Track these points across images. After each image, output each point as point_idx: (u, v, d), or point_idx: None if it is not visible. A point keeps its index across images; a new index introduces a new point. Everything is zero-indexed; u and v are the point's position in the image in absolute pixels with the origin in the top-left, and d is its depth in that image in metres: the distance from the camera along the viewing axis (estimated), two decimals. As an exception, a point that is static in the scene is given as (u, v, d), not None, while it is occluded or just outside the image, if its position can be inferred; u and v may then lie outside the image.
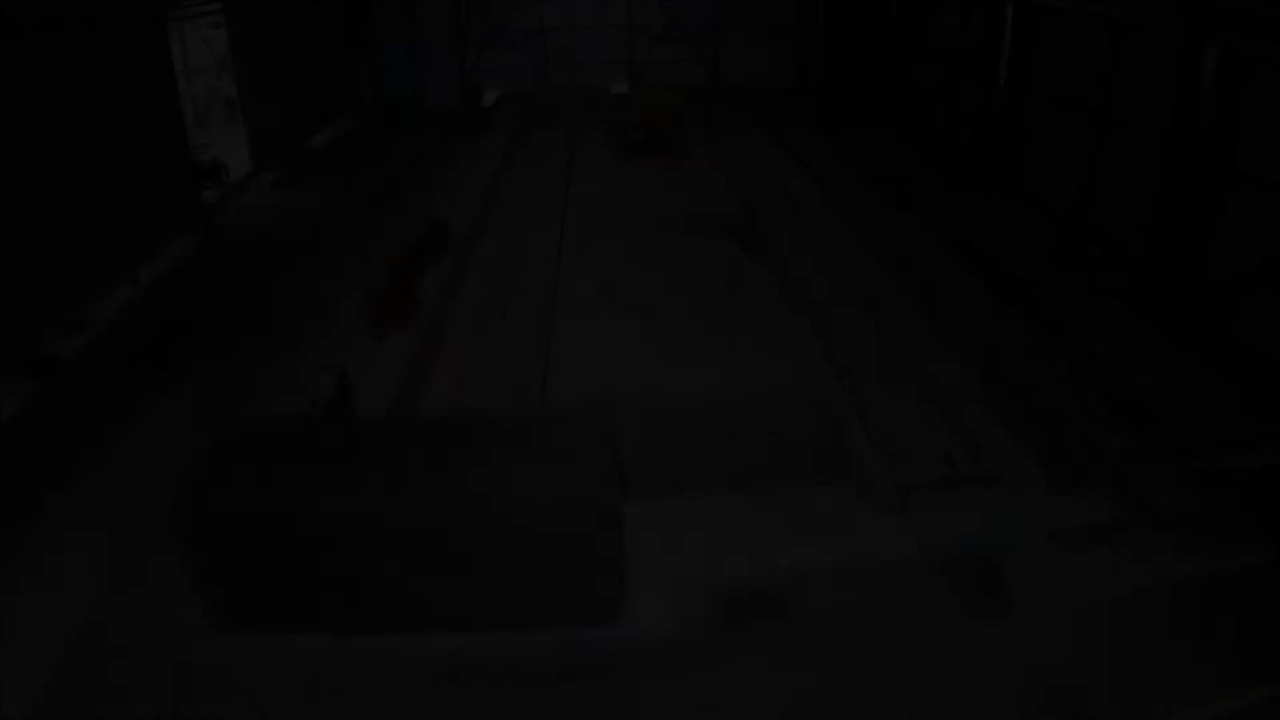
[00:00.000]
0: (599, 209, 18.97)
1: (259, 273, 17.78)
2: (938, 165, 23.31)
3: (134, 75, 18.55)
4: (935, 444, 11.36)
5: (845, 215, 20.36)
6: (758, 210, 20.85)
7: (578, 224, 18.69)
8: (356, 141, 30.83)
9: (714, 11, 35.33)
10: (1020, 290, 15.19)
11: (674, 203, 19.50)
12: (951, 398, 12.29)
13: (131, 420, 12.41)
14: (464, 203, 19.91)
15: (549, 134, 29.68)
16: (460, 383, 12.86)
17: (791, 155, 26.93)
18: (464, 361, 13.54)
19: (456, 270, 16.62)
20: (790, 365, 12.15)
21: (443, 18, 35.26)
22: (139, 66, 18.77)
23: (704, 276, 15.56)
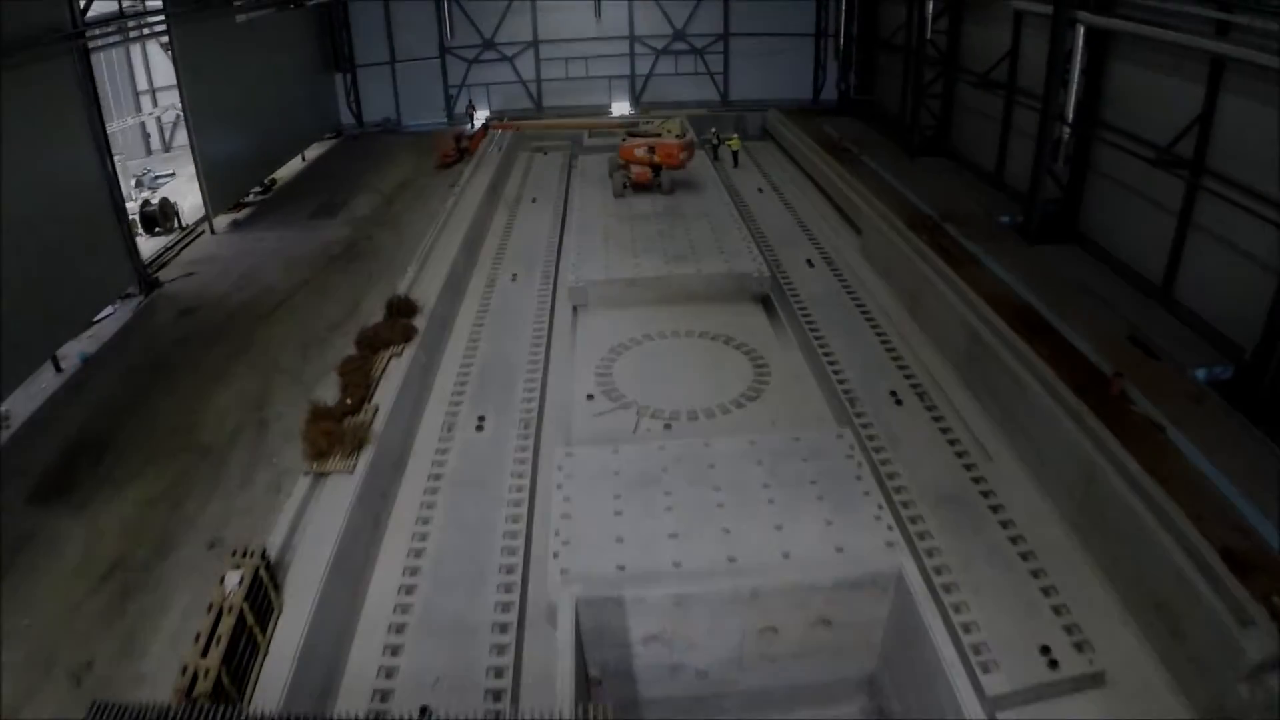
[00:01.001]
0: (594, 271, 16.22)
1: (196, 360, 15.08)
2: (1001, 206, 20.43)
3: (50, 113, 15.88)
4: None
5: (886, 272, 17.62)
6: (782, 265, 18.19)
7: (570, 294, 15.96)
8: (328, 171, 28.18)
9: (722, 21, 32.56)
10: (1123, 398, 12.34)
11: (682, 259, 16.76)
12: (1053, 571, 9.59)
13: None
14: (438, 263, 17.16)
15: (539, 168, 27.04)
16: (414, 561, 10.19)
17: (815, 188, 24.24)
18: (422, 517, 10.87)
19: (422, 373, 13.78)
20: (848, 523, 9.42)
21: (427, 32, 32.61)
22: (55, 104, 16.09)
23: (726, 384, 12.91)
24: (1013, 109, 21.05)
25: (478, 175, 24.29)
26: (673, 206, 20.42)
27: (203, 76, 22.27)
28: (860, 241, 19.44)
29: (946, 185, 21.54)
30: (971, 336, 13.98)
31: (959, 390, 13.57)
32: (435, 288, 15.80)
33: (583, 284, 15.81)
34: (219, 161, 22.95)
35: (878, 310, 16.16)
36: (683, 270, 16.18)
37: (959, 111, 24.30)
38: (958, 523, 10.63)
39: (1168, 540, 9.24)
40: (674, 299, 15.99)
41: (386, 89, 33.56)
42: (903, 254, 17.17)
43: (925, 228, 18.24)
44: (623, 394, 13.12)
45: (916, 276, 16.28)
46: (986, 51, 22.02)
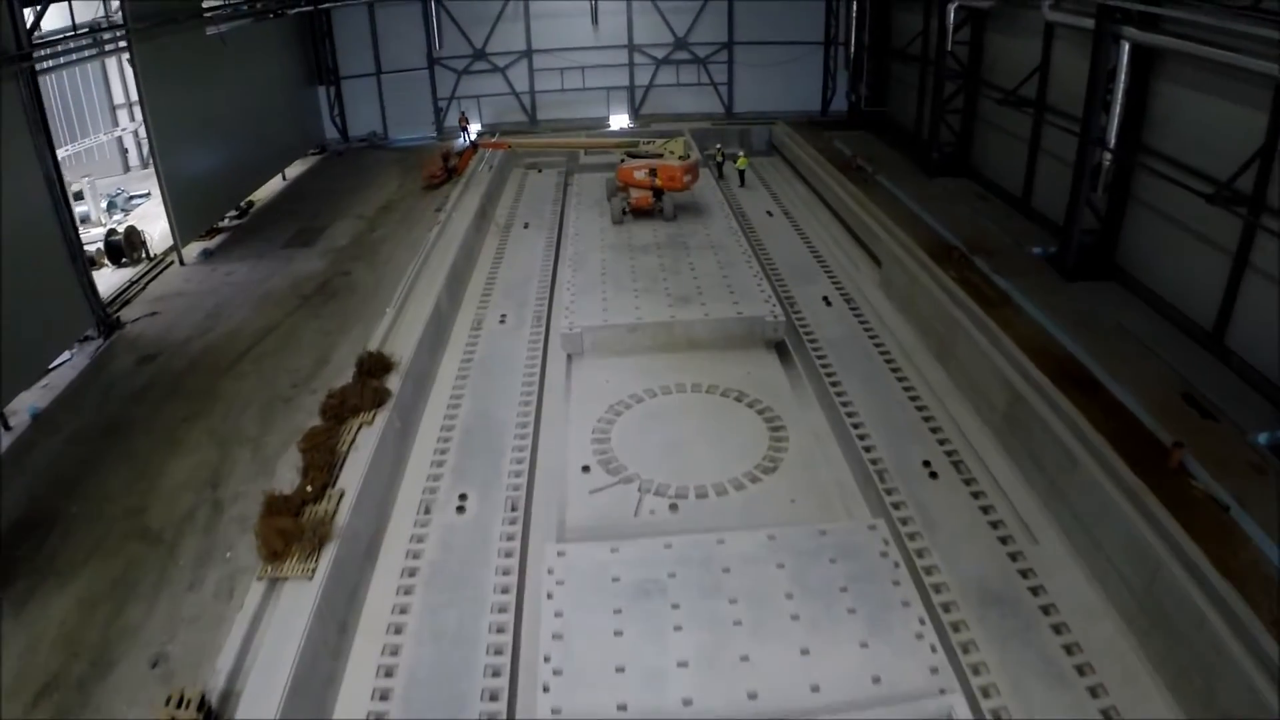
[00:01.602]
0: (590, 316, 14.98)
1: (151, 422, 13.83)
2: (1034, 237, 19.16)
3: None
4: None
5: (911, 310, 16.36)
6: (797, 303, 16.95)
7: (564, 342, 14.70)
8: (309, 191, 26.95)
9: (726, 29, 31.30)
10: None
11: (687, 301, 15.51)
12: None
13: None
14: (418, 304, 15.89)
15: (533, 188, 25.80)
16: (385, 681, 8.93)
17: (828, 211, 22.99)
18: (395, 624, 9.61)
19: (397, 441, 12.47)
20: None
21: (414, 42, 31.37)
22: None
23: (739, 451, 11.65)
24: (1042, 128, 19.79)
25: (466, 197, 23.05)
26: (676, 235, 19.18)
27: (169, 95, 21.02)
28: (880, 274, 18.20)
29: (970, 210, 20.30)
30: (1010, 394, 12.72)
31: (998, 457, 12.32)
32: (414, 336, 14.54)
33: (578, 331, 14.56)
34: (188, 187, 21.70)
35: (903, 358, 14.91)
36: (689, 315, 14.93)
37: (981, 129, 23.05)
38: (1005, 630, 9.39)
39: (1238, 650, 8.02)
40: (679, 346, 14.77)
41: (372, 102, 32.36)
42: (928, 291, 15.92)
43: (951, 260, 17.02)
44: (622, 465, 11.87)
45: (945, 319, 15.02)
46: (1012, 65, 20.76)
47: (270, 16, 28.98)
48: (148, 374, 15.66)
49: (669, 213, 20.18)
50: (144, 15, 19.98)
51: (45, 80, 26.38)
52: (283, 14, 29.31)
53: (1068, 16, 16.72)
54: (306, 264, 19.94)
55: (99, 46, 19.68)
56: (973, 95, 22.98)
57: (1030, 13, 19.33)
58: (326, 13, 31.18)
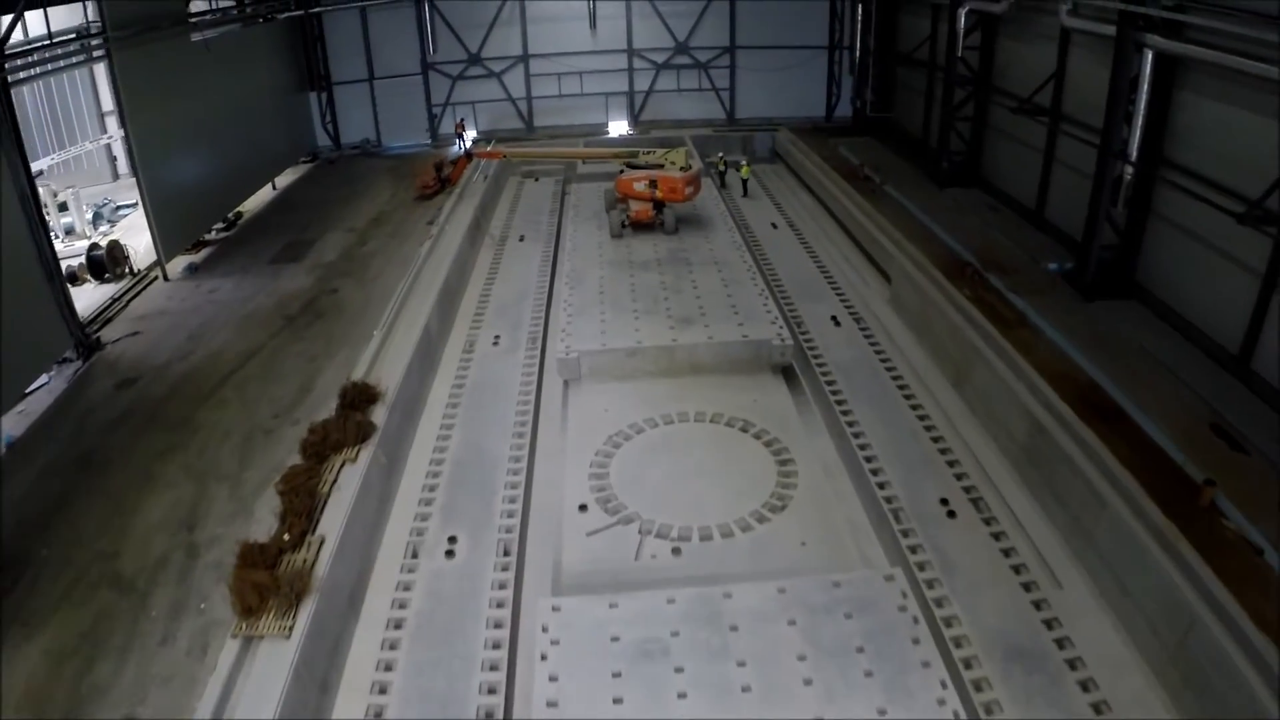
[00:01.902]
0: (588, 339, 14.41)
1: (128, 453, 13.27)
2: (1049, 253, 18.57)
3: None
4: None
5: (923, 331, 15.81)
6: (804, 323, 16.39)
7: (560, 367, 14.13)
8: (300, 201, 26.41)
9: (728, 33, 30.75)
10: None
11: (690, 322, 14.95)
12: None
13: None
14: (408, 326, 15.34)
15: (529, 198, 25.25)
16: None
17: (834, 222, 22.45)
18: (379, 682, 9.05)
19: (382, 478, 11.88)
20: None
21: (408, 47, 30.83)
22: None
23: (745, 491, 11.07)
24: (1056, 138, 19.25)
25: (459, 209, 22.50)
26: (678, 250, 18.62)
27: (152, 104, 20.47)
28: (890, 291, 17.64)
29: (981, 222, 19.76)
30: (1031, 424, 12.18)
31: (1018, 493, 11.76)
32: (402, 361, 13.97)
33: (575, 356, 13.99)
34: (172, 200, 21.17)
35: (916, 383, 14.35)
36: (691, 338, 14.36)
37: (992, 137, 22.53)
38: (1029, 687, 8.84)
39: (1278, 712, 7.48)
40: (681, 371, 14.21)
41: (365, 108, 31.84)
42: (941, 311, 15.37)
43: (964, 277, 16.48)
44: (621, 503, 11.31)
45: (960, 341, 14.47)
46: (1026, 72, 20.25)
47: (260, 21, 28.54)
48: (126, 400, 15.11)
49: (670, 226, 19.62)
50: (124, 23, 19.44)
51: (31, 87, 26.09)
52: (272, 19, 28.83)
53: (1086, 23, 16.17)
54: (293, 281, 19.39)
55: (81, 54, 19.06)
56: (983, 103, 22.46)
57: (1045, 18, 18.81)
58: (317, 17, 30.67)
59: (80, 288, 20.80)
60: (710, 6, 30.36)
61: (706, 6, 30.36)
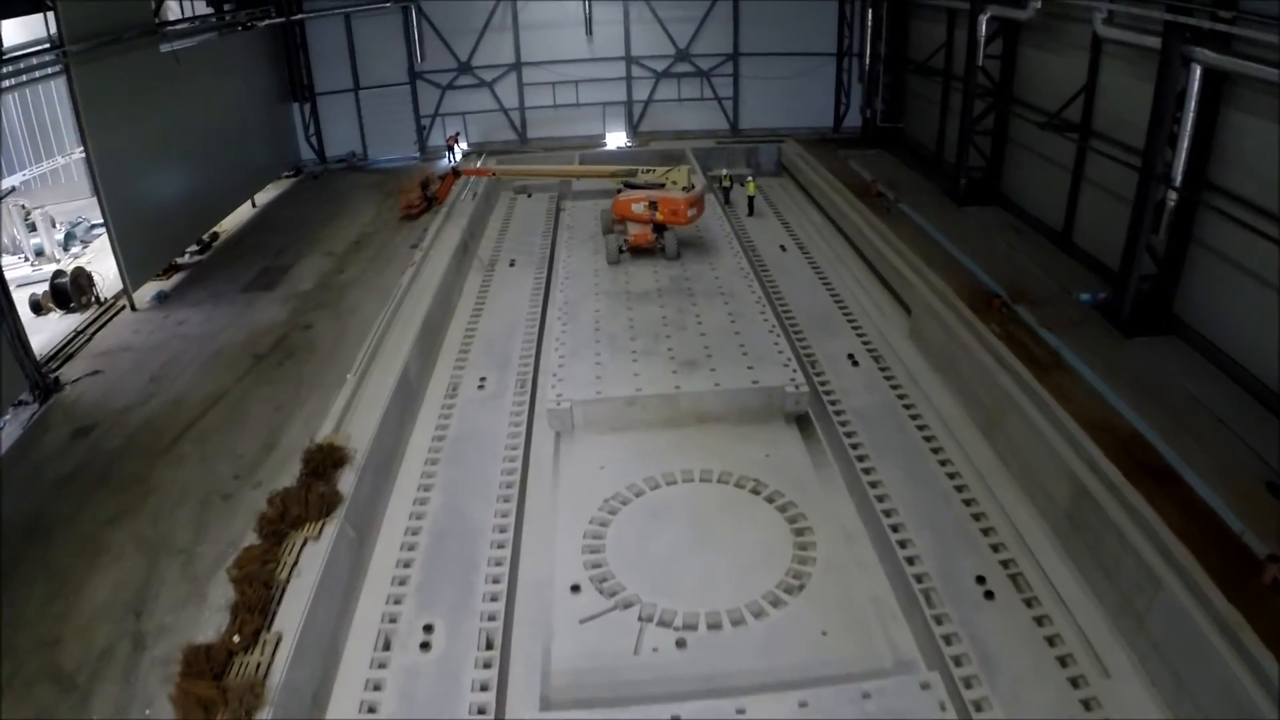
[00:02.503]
0: (581, 386, 13.30)
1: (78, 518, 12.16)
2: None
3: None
4: None
5: (949, 371, 14.71)
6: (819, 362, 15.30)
7: (551, 418, 13.03)
8: (279, 221, 25.33)
9: (732, 39, 29.67)
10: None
11: (695, 365, 13.85)
12: None
13: None
14: (384, 370, 14.25)
15: (521, 216, 24.17)
16: None
17: (845, 242, 21.37)
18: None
19: (350, 554, 10.74)
20: None
21: (395, 55, 29.77)
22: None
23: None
24: (1086, 156, 18.18)
25: (446, 230, 21.44)
26: (680, 279, 17.53)
27: (116, 120, 19.40)
28: (910, 324, 16.55)
29: (1005, 245, 18.71)
30: (1073, 486, 11.11)
31: (1061, 566, 10.71)
32: (376, 411, 12.90)
33: (567, 405, 12.87)
34: (140, 224, 20.09)
35: (944, 432, 13.27)
36: (696, 384, 13.25)
37: (1013, 153, 21.48)
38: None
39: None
40: (685, 421, 13.10)
41: (350, 120, 30.78)
42: (967, 348, 14.30)
43: (992, 310, 15.43)
44: (619, 582, 10.19)
45: (990, 385, 13.38)
46: (1051, 84, 19.23)
47: (239, 29, 27.50)
48: (80, 453, 14.01)
49: (672, 251, 18.53)
50: (84, 34, 18.36)
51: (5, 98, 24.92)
52: (252, 26, 27.78)
53: (1124, 33, 15.11)
54: (265, 312, 18.30)
55: (57, 64, 17.93)
56: (1004, 115, 21.39)
57: (1075, 27, 17.78)
58: (300, 24, 29.63)
59: (44, 318, 19.77)
60: (713, 11, 29.34)
61: (709, 11, 29.32)
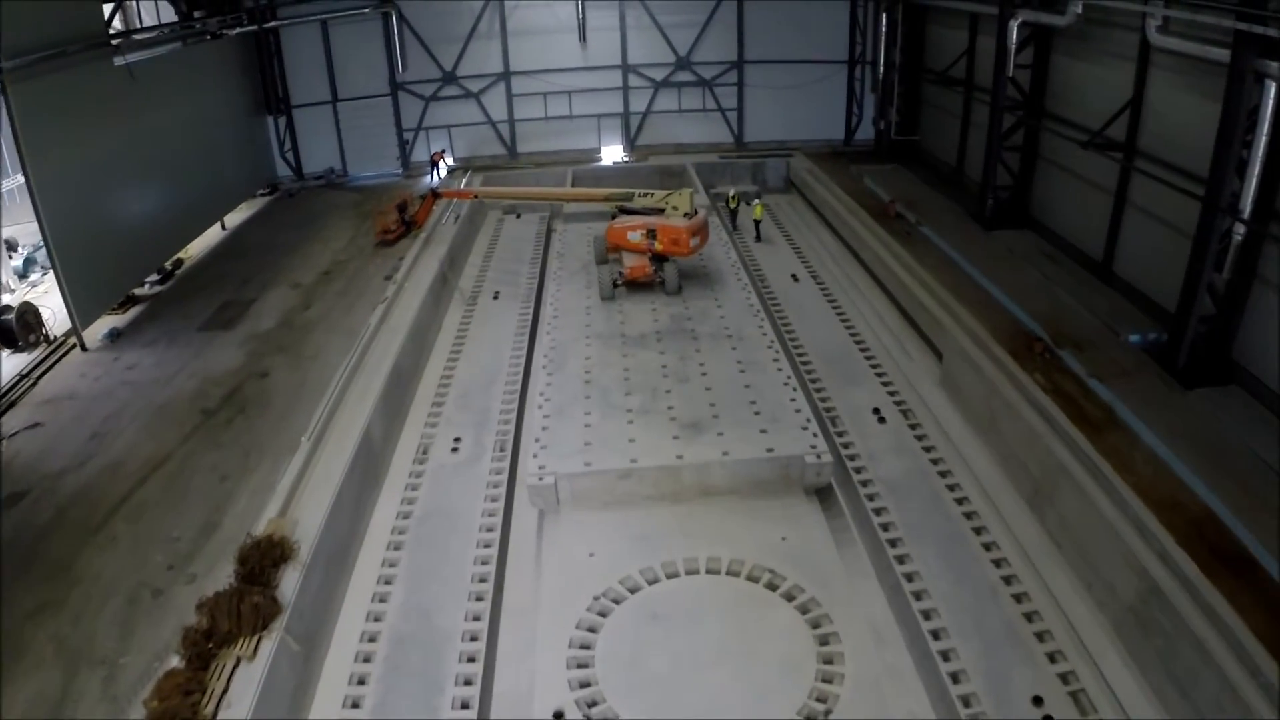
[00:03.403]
0: (567, 455, 11.77)
1: None
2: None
3: None
4: None
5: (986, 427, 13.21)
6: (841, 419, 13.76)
7: (532, 495, 11.51)
8: (248, 246, 23.87)
9: (736, 46, 28.20)
10: None
11: (699, 428, 12.33)
12: None
13: None
14: (343, 432, 12.74)
15: (508, 240, 22.69)
16: None
17: (861, 268, 19.90)
18: None
19: (292, 674, 9.19)
20: None
21: (375, 64, 28.32)
22: None
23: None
24: (1130, 178, 16.69)
25: (424, 259, 19.97)
26: (682, 318, 16.06)
27: (62, 143, 17.95)
28: (942, 370, 15.04)
29: (1040, 276, 17.20)
30: (1141, 582, 9.70)
31: (1129, 681, 9.27)
32: (331, 486, 11.39)
33: (551, 479, 11.35)
34: (91, 255, 18.63)
35: (985, 505, 11.80)
36: (701, 453, 11.71)
37: (1045, 172, 19.99)
38: None
39: None
40: (688, 495, 11.58)
41: (329, 134, 29.29)
42: (1009, 403, 12.82)
43: (1033, 356, 13.92)
44: (611, 707, 8.66)
45: (1037, 449, 11.91)
46: (1089, 97, 17.82)
47: (208, 38, 26.08)
48: (9, 525, 12.53)
49: (672, 285, 17.04)
50: (25, 48, 16.88)
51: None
52: (221, 35, 26.34)
53: (1184, 43, 13.60)
54: (221, 356, 16.81)
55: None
56: (1034, 131, 19.89)
57: (1119, 34, 16.35)
58: (274, 32, 28.19)
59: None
60: (715, 16, 27.88)
61: (711, 16, 27.87)
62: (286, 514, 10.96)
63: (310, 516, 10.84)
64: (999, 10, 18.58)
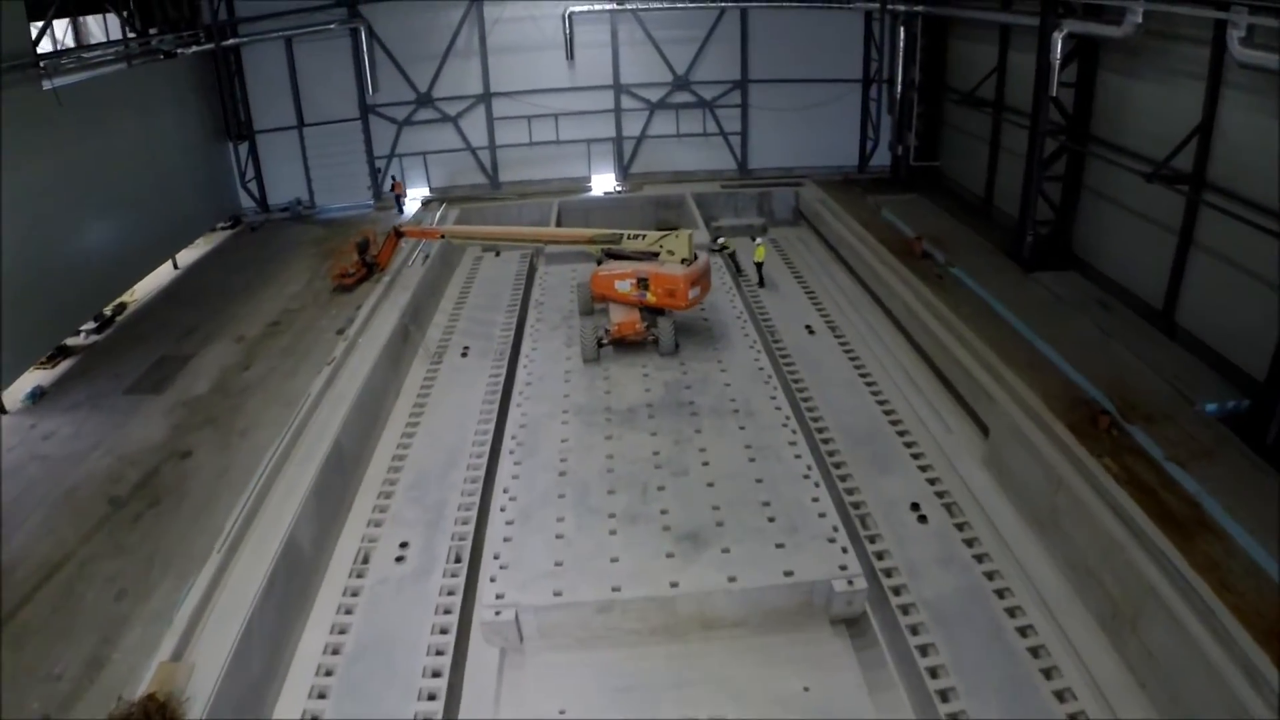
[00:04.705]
0: (532, 583, 9.58)
1: None
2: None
3: None
4: None
5: (1045, 523, 11.08)
6: (871, 516, 11.57)
7: (487, 632, 9.35)
8: (196, 290, 21.81)
9: (739, 64, 26.24)
10: None
11: (700, 540, 10.20)
12: None
13: None
14: (263, 537, 10.62)
15: (484, 283, 20.65)
16: None
17: (884, 314, 17.82)
18: None
19: None
20: None
21: (343, 85, 26.38)
22: None
23: None
24: (1198, 213, 14.64)
25: (384, 308, 17.92)
26: (679, 385, 13.99)
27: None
28: (988, 448, 12.89)
29: (1096, 329, 15.04)
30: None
31: None
32: (239, 618, 9.19)
33: (511, 613, 9.17)
34: (16, 303, 16.46)
35: (1053, 635, 9.76)
36: (703, 578, 9.55)
37: (1092, 205, 17.96)
38: None
39: None
40: (686, 630, 9.45)
41: (295, 161, 27.27)
42: (1076, 496, 10.75)
43: (1099, 432, 11.83)
44: None
45: (1113, 562, 9.80)
46: (1145, 120, 15.83)
47: (161, 58, 24.14)
48: None
49: (667, 344, 14.94)
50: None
51: None
52: (176, 54, 24.40)
53: (1274, 57, 11.54)
54: (144, 427, 14.69)
55: None
56: (1079, 158, 17.86)
57: (1184, 48, 14.42)
58: (234, 51, 26.25)
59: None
60: (717, 31, 25.92)
61: (712, 30, 25.92)
62: (183, 656, 8.82)
63: (211, 659, 8.72)
64: (1040, 21, 16.60)
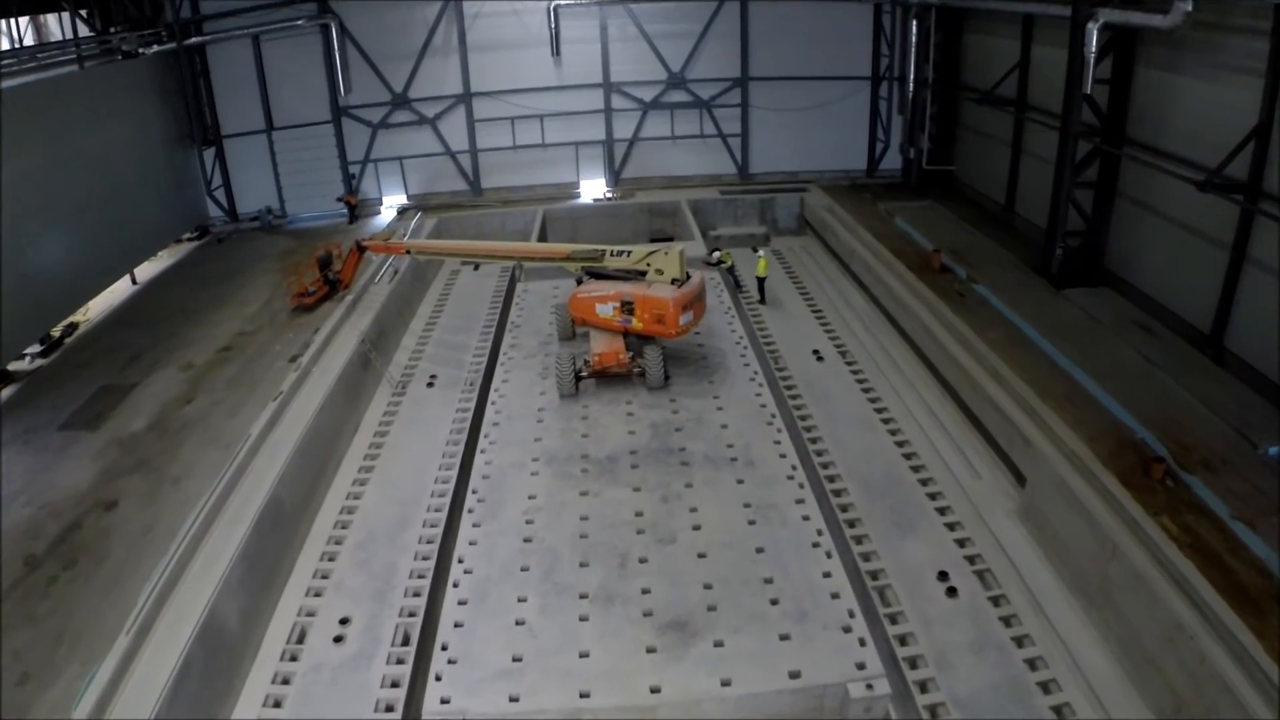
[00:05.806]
0: (483, 687, 8.05)
1: None
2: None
3: None
4: None
5: (1095, 596, 9.57)
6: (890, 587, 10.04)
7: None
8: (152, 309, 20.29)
9: (739, 61, 24.74)
10: None
11: (690, 630, 8.74)
12: None
13: None
14: (181, 615, 9.11)
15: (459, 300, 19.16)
16: None
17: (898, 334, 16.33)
18: None
19: None
20: None
21: (314, 86, 24.92)
22: None
23: None
24: (1253, 225, 13.12)
25: (344, 332, 16.38)
26: (667, 426, 12.49)
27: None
28: (1024, 500, 11.35)
29: (1140, 358, 13.52)
30: None
31: None
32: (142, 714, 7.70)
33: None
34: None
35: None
36: (691, 683, 8.02)
37: (1128, 215, 16.43)
38: None
39: None
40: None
41: (265, 167, 25.81)
42: (1134, 572, 9.14)
43: (1152, 481, 10.31)
44: None
45: (1178, 650, 8.30)
46: (1192, 121, 14.34)
47: (119, 58, 22.74)
48: None
49: (655, 378, 13.41)
50: None
51: None
52: (136, 54, 22.98)
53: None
54: (72, 471, 13.18)
55: None
56: (1113, 162, 16.32)
57: (1238, 40, 12.94)
58: (199, 50, 24.79)
59: None
60: (714, 25, 24.49)
61: (709, 24, 24.51)
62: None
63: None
64: (1073, 11, 15.07)
